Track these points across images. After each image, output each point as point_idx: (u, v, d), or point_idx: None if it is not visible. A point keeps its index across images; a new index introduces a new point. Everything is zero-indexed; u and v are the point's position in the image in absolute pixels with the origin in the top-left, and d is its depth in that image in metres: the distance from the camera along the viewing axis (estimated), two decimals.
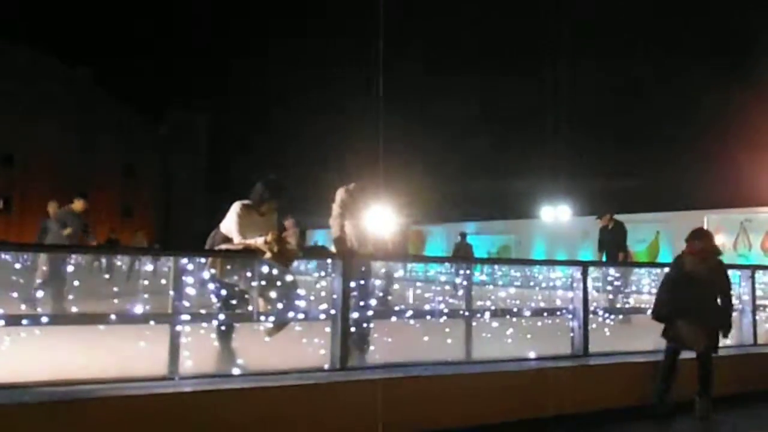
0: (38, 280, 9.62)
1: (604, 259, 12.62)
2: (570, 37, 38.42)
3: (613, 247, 12.58)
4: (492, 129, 42.42)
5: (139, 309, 5.08)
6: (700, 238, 6.80)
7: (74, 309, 5.19)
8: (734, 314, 8.18)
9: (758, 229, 20.12)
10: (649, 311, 7.50)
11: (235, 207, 6.01)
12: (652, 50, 37.21)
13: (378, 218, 6.95)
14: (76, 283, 6.12)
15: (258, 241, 5.57)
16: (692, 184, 28.84)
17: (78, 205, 10.56)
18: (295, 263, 5.88)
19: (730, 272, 7.79)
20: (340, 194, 6.71)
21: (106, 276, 18.80)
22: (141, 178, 57.51)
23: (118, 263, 20.73)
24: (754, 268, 8.74)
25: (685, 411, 6.36)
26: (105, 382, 4.73)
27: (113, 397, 4.44)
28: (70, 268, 9.54)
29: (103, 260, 21.63)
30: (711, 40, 34.51)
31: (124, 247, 21.41)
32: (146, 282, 5.59)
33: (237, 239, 5.81)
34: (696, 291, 6.53)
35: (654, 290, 7.96)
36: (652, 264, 18.55)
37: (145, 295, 5.52)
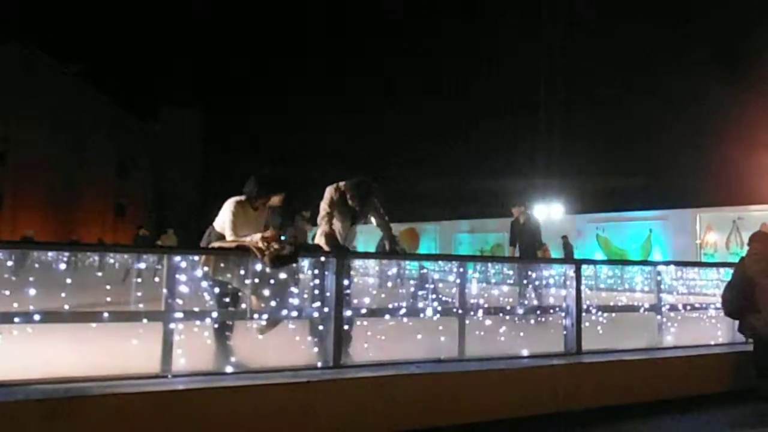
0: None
1: (516, 254, 12.20)
2: (564, 38, 38.46)
3: (527, 242, 12.05)
4: (486, 127, 42.47)
5: (132, 306, 5.08)
6: (755, 241, 7.42)
7: (66, 306, 5.17)
8: None
9: (750, 227, 20.16)
10: (642, 309, 7.66)
11: (230, 204, 6.02)
12: (647, 50, 37.29)
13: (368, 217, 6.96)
14: (68, 280, 6.10)
15: (254, 239, 5.56)
16: (685, 183, 28.94)
17: (276, 199, 10.21)
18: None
19: (722, 270, 8.13)
20: (329, 192, 6.70)
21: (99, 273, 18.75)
22: (134, 177, 57.32)
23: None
24: None
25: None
26: (98, 379, 4.72)
27: (107, 394, 4.44)
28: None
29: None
30: (706, 39, 34.62)
31: (114, 245, 21.35)
32: (139, 279, 5.58)
33: (230, 237, 5.80)
34: (758, 290, 6.98)
35: (646, 288, 8.01)
36: (646, 262, 18.61)
37: (138, 293, 5.51)
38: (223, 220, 5.97)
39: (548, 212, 27.79)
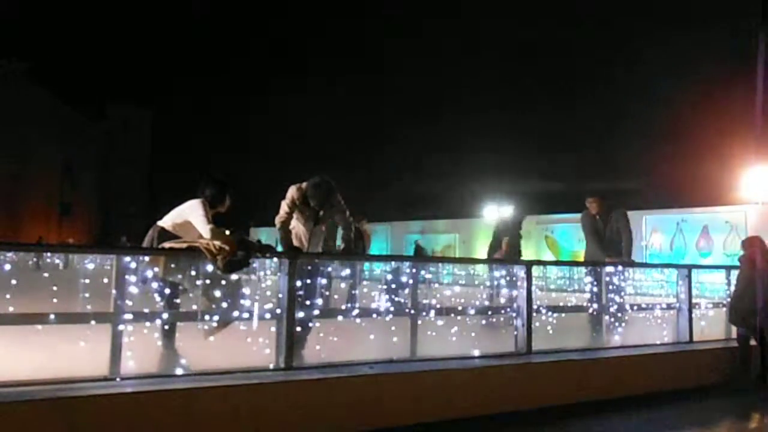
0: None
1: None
2: (515, 44, 38.98)
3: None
4: (435, 129, 42.76)
5: (80, 308, 4.98)
6: (745, 247, 8.29)
7: (11, 308, 5.03)
8: (672, 312, 8.47)
9: (693, 230, 20.70)
10: (591, 309, 7.80)
11: (199, 203, 5.90)
12: (599, 54, 37.98)
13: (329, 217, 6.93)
14: (13, 281, 5.94)
15: (211, 244, 5.46)
16: (632, 186, 29.52)
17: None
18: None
19: (667, 271, 8.49)
20: (290, 192, 6.68)
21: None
22: (80, 176, 56.12)
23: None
24: (690, 267, 8.97)
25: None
26: (43, 383, 4.61)
27: (52, 399, 4.34)
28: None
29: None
30: (652, 45, 35.38)
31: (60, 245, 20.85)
32: (87, 280, 5.46)
33: (209, 228, 5.63)
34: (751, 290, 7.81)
35: (594, 288, 8.21)
36: (594, 263, 18.91)
37: (86, 294, 5.38)
38: (195, 219, 5.80)
39: (499, 213, 28.03)
